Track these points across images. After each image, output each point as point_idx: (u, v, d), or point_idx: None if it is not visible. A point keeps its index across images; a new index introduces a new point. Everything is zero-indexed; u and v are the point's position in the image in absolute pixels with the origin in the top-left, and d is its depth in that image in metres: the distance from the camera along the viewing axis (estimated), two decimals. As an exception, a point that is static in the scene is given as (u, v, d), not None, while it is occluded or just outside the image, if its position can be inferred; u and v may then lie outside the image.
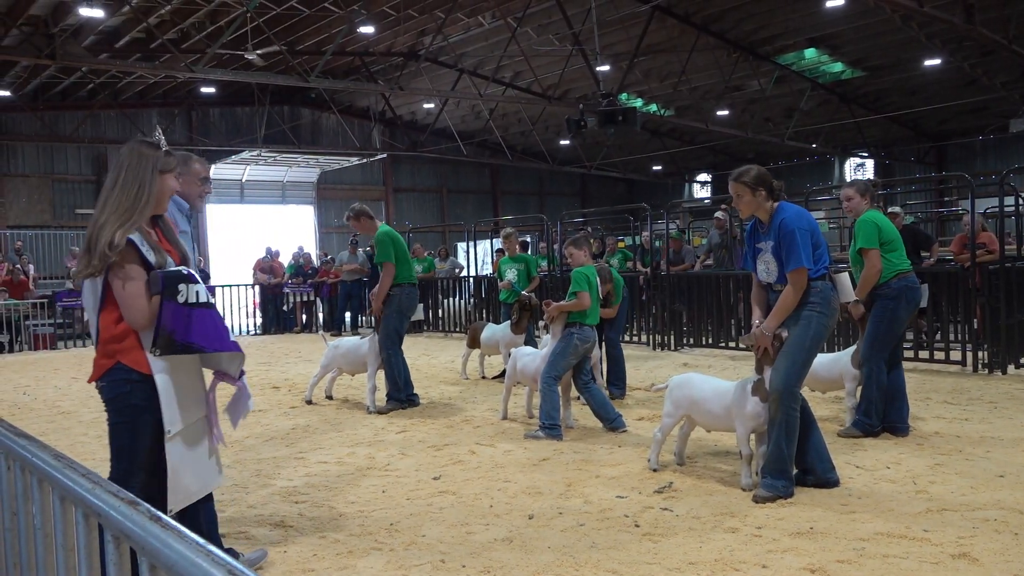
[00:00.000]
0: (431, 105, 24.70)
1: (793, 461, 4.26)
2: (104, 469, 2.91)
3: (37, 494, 1.98)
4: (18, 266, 16.52)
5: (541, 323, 5.91)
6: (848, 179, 26.93)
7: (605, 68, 18.45)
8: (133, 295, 2.85)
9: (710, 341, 10.85)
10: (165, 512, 2.99)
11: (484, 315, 13.99)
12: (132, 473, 2.97)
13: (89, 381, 3.02)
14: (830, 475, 4.37)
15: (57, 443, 5.94)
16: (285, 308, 16.67)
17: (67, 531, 1.82)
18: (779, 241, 4.25)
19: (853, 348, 5.75)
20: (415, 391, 7.39)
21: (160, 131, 2.99)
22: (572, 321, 5.85)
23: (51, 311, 14.89)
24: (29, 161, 21.86)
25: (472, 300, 14.51)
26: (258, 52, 16.54)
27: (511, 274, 9.05)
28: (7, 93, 18.96)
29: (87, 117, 21.02)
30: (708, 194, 33.12)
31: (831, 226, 18.11)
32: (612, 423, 5.93)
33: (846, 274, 4.73)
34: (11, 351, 14.04)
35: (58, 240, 21.09)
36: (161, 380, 2.92)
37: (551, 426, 5.73)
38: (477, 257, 15.78)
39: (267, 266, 17.09)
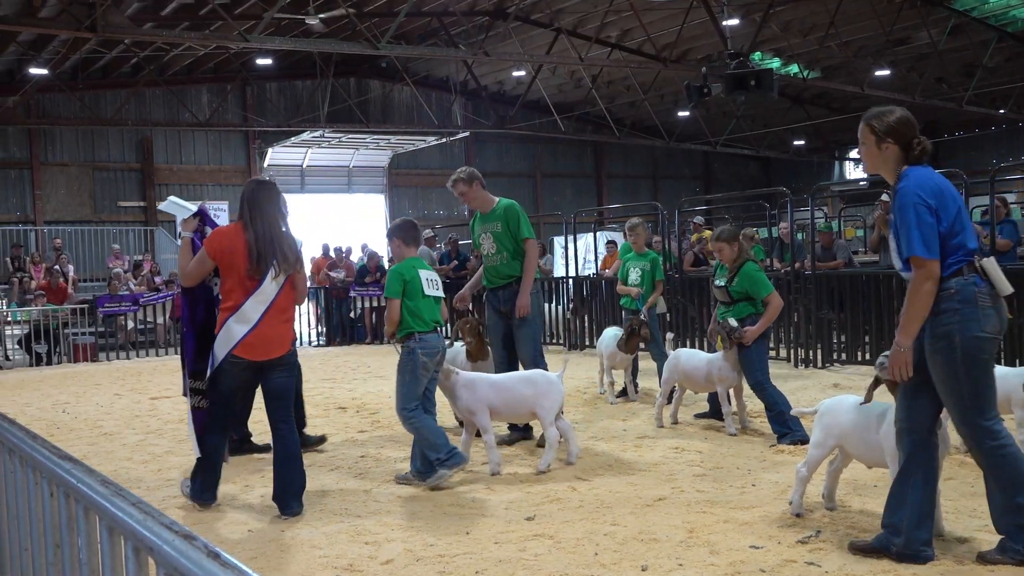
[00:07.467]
0: (522, 73, 24.86)
1: None
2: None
3: (83, 525, 2.11)
4: (56, 267, 17.56)
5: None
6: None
7: (734, 22, 18.13)
8: None
9: (867, 357, 10.54)
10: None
11: (587, 323, 14.00)
12: None
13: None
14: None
15: (100, 468, 6.25)
16: (352, 315, 17.04)
17: (116, 567, 1.93)
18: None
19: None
20: None
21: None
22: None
23: (92, 318, 15.72)
24: (68, 147, 23.19)
25: (571, 306, 14.52)
26: (320, 16, 17.01)
27: (635, 274, 8.94)
28: (44, 71, 20.10)
29: (131, 96, 22.09)
30: (864, 174, 32.10)
31: (1025, 211, 17.27)
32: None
33: (991, 259, 4.09)
34: (49, 363, 14.89)
35: (99, 237, 22.29)
36: None
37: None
38: (577, 254, 15.74)
39: (334, 263, 17.79)
